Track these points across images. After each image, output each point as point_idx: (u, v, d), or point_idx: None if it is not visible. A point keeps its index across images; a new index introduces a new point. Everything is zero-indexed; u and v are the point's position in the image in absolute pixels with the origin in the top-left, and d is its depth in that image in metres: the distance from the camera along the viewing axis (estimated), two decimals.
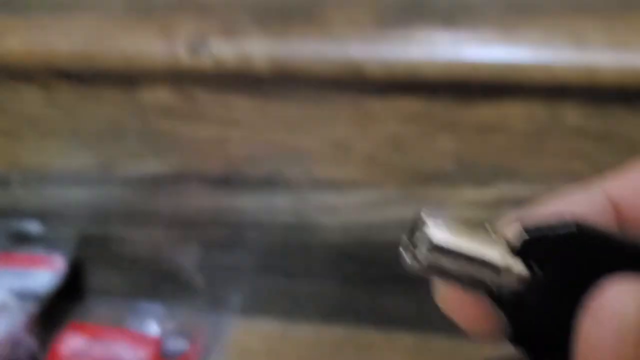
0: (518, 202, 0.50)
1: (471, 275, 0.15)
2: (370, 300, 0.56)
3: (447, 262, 0.15)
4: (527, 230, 0.15)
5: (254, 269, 0.56)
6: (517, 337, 0.16)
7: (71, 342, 0.55)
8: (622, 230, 0.16)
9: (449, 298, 0.17)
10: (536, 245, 0.15)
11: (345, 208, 0.52)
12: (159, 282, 0.59)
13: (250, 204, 0.53)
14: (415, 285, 0.58)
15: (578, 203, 0.16)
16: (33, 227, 0.58)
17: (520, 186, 0.48)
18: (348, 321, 0.57)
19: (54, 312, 0.57)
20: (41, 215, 0.58)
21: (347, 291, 0.56)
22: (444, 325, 0.53)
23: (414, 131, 0.47)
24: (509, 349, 0.17)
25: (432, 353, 0.55)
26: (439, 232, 0.15)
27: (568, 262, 0.15)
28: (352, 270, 0.55)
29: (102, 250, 0.58)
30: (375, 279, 0.55)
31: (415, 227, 0.15)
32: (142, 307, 0.59)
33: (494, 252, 0.15)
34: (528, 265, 0.15)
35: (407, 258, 0.15)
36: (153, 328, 0.57)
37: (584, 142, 0.46)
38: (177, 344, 0.55)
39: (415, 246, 0.15)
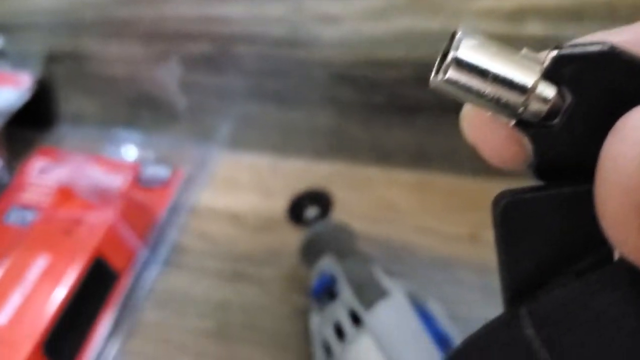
0: (538, 13, 0.43)
1: (497, 95, 0.14)
2: (369, 132, 0.50)
3: (471, 79, 0.14)
4: (559, 48, 0.14)
5: (243, 93, 0.50)
6: (541, 167, 0.15)
7: (38, 165, 0.50)
8: None
9: (473, 122, 0.16)
10: (568, 66, 0.14)
11: (346, 18, 0.45)
12: (137, 108, 0.53)
13: (239, 12, 0.46)
14: (419, 118, 0.52)
15: (621, 35, 0.15)
16: None
17: None
18: (344, 155, 0.52)
19: (21, 135, 0.51)
20: (4, 27, 0.51)
21: (344, 122, 0.50)
22: (446, 163, 0.47)
23: None
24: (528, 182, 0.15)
25: (432, 190, 0.50)
26: (467, 47, 0.14)
27: (600, 88, 0.14)
28: (350, 97, 0.48)
29: (73, 69, 0.52)
30: (376, 108, 0.49)
31: (448, 43, 0.14)
32: (119, 135, 0.53)
33: (524, 74, 0.14)
34: (559, 91, 0.14)
35: (433, 72, 0.14)
36: (130, 155, 0.52)
37: None
38: (157, 172, 0.50)
39: (442, 61, 0.14)
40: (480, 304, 0.41)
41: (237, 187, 0.50)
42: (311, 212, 0.42)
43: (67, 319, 0.37)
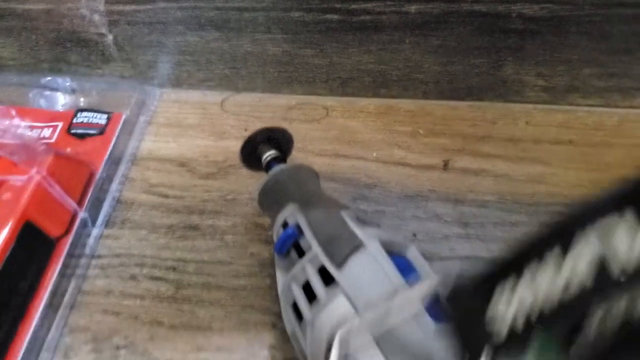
0: None
1: None
2: (323, 57, 0.43)
3: None
4: None
5: (180, 23, 0.42)
6: None
7: None
8: None
9: None
10: None
11: None
12: (61, 47, 0.44)
13: None
14: (378, 37, 0.45)
15: None
16: None
17: None
18: (299, 85, 0.45)
19: None
20: None
21: (296, 47, 0.43)
22: (410, 87, 0.40)
23: None
24: None
25: (397, 117, 0.44)
26: None
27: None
28: (300, 18, 0.41)
29: None
30: (330, 29, 0.41)
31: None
32: (43, 81, 0.45)
33: None
34: None
35: None
36: (59, 103, 0.43)
37: None
38: (91, 120, 0.42)
39: None
40: (460, 239, 0.36)
41: (184, 129, 0.43)
42: (268, 154, 0.35)
43: None
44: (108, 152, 0.40)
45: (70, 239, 0.35)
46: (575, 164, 0.40)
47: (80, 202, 0.37)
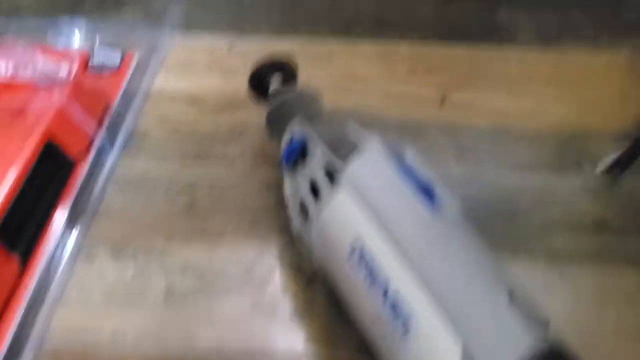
0: None
1: None
2: (326, 2, 0.45)
3: None
4: None
5: None
6: None
7: None
8: None
9: None
10: None
11: None
12: None
13: None
14: None
15: None
16: None
17: None
18: (303, 29, 0.47)
19: None
20: None
21: None
22: (409, 30, 0.42)
23: None
24: None
25: (397, 58, 0.46)
26: None
27: None
28: None
29: None
30: None
31: None
32: (63, 24, 0.47)
33: None
34: None
35: None
36: (77, 42, 0.46)
37: None
38: (106, 58, 0.44)
39: None
40: (455, 161, 0.38)
41: (194, 70, 0.45)
42: (274, 81, 0.37)
43: (22, 205, 0.33)
44: (123, 88, 0.43)
45: (89, 160, 0.38)
46: (564, 101, 0.42)
47: (98, 127, 0.39)
